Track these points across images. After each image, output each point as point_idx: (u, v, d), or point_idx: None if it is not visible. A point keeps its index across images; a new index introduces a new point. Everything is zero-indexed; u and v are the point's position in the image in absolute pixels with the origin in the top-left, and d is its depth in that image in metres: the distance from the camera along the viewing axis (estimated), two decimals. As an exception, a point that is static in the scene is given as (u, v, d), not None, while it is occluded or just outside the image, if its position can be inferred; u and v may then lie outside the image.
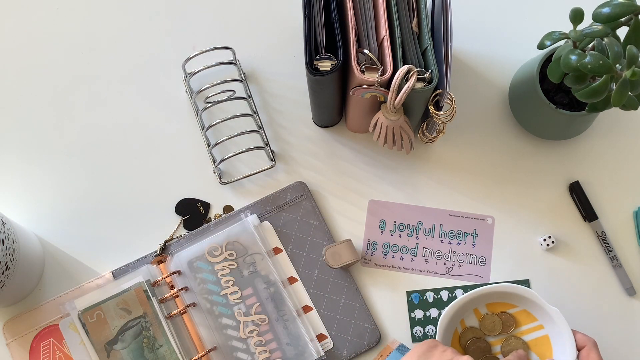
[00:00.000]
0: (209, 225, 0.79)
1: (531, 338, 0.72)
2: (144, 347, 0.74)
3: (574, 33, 0.64)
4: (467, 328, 0.73)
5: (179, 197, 0.80)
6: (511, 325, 0.72)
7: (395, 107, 0.66)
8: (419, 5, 0.68)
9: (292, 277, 0.78)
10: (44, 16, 0.86)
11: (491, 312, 0.72)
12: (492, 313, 0.72)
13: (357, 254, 0.77)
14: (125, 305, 0.75)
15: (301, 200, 0.79)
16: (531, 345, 0.72)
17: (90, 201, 0.81)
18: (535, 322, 0.72)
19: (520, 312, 0.72)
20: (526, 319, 0.72)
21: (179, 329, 0.75)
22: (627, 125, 0.81)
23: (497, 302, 0.72)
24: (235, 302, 0.76)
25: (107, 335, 0.74)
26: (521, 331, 0.72)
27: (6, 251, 0.67)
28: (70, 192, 0.81)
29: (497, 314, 0.72)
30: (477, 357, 0.71)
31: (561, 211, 0.80)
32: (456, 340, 0.72)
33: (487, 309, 0.73)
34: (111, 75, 0.84)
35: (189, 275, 0.77)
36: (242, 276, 0.77)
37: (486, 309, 0.73)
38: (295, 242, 0.78)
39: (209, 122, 0.80)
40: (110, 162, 0.82)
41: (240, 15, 0.86)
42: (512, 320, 0.72)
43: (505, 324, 0.72)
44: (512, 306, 0.73)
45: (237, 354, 0.75)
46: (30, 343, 0.75)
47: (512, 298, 0.71)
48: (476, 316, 0.73)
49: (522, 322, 0.72)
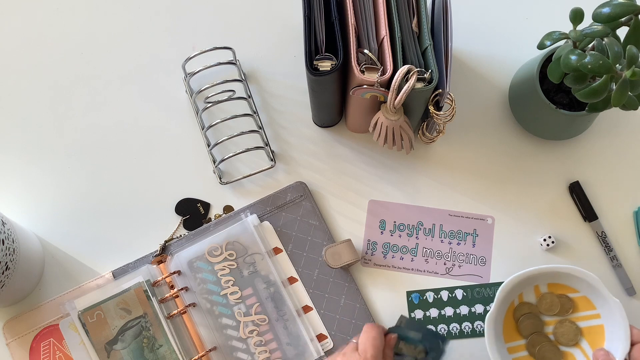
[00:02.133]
0: (209, 225, 0.79)
1: (586, 325, 0.72)
2: (144, 347, 0.74)
3: (574, 33, 0.64)
4: (523, 302, 0.72)
5: (179, 197, 0.80)
6: (568, 309, 0.71)
7: (395, 107, 0.66)
8: (419, 5, 0.68)
9: (292, 277, 0.78)
10: (44, 16, 0.86)
11: (551, 292, 0.72)
12: (551, 293, 0.72)
13: (357, 254, 0.77)
14: (125, 305, 0.75)
15: (301, 200, 0.79)
16: (585, 332, 0.72)
17: (90, 201, 0.81)
18: (594, 311, 0.72)
19: (581, 298, 0.72)
20: (585, 306, 0.72)
21: (179, 329, 0.75)
22: (627, 125, 0.81)
23: (559, 283, 0.72)
24: (235, 302, 0.76)
25: (107, 335, 0.74)
26: (578, 317, 0.72)
27: (6, 251, 0.67)
28: (70, 192, 0.81)
29: (556, 295, 0.72)
30: (527, 332, 0.71)
31: (561, 211, 0.80)
32: (510, 313, 0.72)
33: (548, 289, 0.72)
34: (111, 75, 0.84)
35: (189, 275, 0.77)
36: (242, 276, 0.77)
37: (547, 288, 0.72)
38: (295, 242, 0.78)
39: (209, 122, 0.80)
40: (110, 162, 0.82)
41: (240, 15, 0.86)
42: (570, 304, 0.72)
43: (564, 306, 0.71)
44: (573, 290, 0.72)
45: (237, 354, 0.75)
46: (30, 343, 0.75)
47: (575, 282, 0.71)
48: (535, 293, 0.72)
49: (581, 308, 0.72)
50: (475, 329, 0.77)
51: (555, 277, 0.72)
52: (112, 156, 0.82)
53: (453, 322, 0.77)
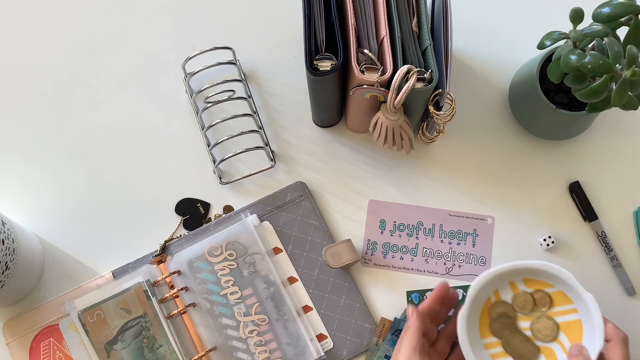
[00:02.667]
0: (209, 225, 0.79)
1: (564, 320, 0.71)
2: (144, 347, 0.74)
3: (574, 33, 0.64)
4: (499, 301, 0.72)
5: (179, 197, 0.80)
6: (545, 304, 0.71)
7: (395, 107, 0.66)
8: (419, 5, 0.68)
9: (292, 277, 0.78)
10: (44, 16, 0.86)
11: (524, 291, 0.71)
12: (525, 292, 0.71)
13: (357, 254, 0.77)
14: (125, 305, 0.75)
15: (301, 200, 0.79)
16: (563, 327, 0.71)
17: (90, 201, 0.81)
18: (571, 305, 0.71)
19: (557, 293, 0.71)
20: (562, 301, 0.71)
21: (178, 329, 0.75)
22: (627, 125, 0.81)
23: (534, 279, 0.71)
24: (235, 302, 0.76)
25: (107, 335, 0.74)
26: (555, 312, 0.71)
27: (6, 251, 0.67)
28: (70, 192, 0.81)
29: (532, 291, 0.71)
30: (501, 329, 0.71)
31: (561, 211, 0.80)
32: (486, 311, 0.72)
33: (525, 285, 0.72)
34: (111, 75, 0.84)
35: (189, 275, 0.77)
36: (242, 276, 0.77)
37: (523, 284, 0.72)
38: (295, 242, 0.78)
39: (209, 122, 0.80)
40: (110, 162, 0.82)
41: (240, 15, 0.86)
42: (546, 299, 0.71)
43: (540, 302, 0.71)
44: (549, 285, 0.71)
45: (237, 354, 0.75)
46: (30, 343, 0.75)
47: (549, 277, 0.70)
48: (512, 290, 0.72)
49: (558, 303, 0.71)
50: (475, 329, 0.77)
51: (530, 273, 0.71)
52: (112, 156, 0.82)
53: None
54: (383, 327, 0.76)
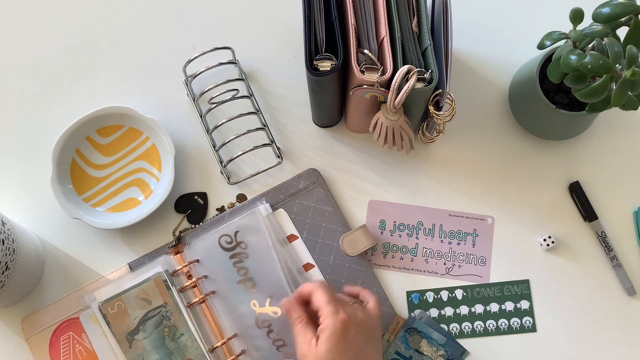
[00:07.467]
0: (223, 215, 0.79)
1: (142, 151, 0.79)
2: (165, 337, 0.75)
3: (574, 33, 0.64)
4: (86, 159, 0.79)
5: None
6: (125, 146, 0.79)
7: (395, 107, 0.66)
8: (419, 5, 0.68)
9: (309, 264, 0.78)
10: (44, 16, 0.86)
11: (90, 136, 0.79)
12: (90, 137, 0.79)
13: (374, 239, 0.77)
14: (146, 295, 0.75)
15: (314, 187, 0.79)
16: (144, 156, 0.79)
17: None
18: (143, 136, 0.80)
19: (129, 130, 0.80)
20: (135, 135, 0.80)
21: (198, 318, 0.76)
22: (627, 125, 0.81)
23: (105, 126, 0.79)
24: (250, 291, 0.76)
25: (128, 326, 0.75)
26: (134, 147, 0.79)
27: (6, 251, 0.67)
28: (71, 192, 0.81)
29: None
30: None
31: (561, 211, 0.80)
32: (77, 171, 0.79)
33: (100, 135, 0.79)
34: (111, 76, 0.84)
35: (206, 263, 0.77)
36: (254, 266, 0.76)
37: (99, 135, 0.79)
38: (310, 228, 0.79)
39: (212, 124, 0.80)
40: (111, 162, 0.82)
41: (240, 16, 0.86)
42: (125, 142, 0.79)
43: (119, 146, 0.79)
44: (121, 127, 0.79)
45: (256, 341, 0.75)
46: (50, 338, 0.75)
47: (116, 119, 0.79)
48: (92, 145, 0.79)
49: (133, 139, 0.80)
50: (475, 329, 0.77)
51: (99, 121, 0.78)
52: (112, 156, 0.82)
53: (453, 322, 0.77)
54: (397, 324, 0.76)
